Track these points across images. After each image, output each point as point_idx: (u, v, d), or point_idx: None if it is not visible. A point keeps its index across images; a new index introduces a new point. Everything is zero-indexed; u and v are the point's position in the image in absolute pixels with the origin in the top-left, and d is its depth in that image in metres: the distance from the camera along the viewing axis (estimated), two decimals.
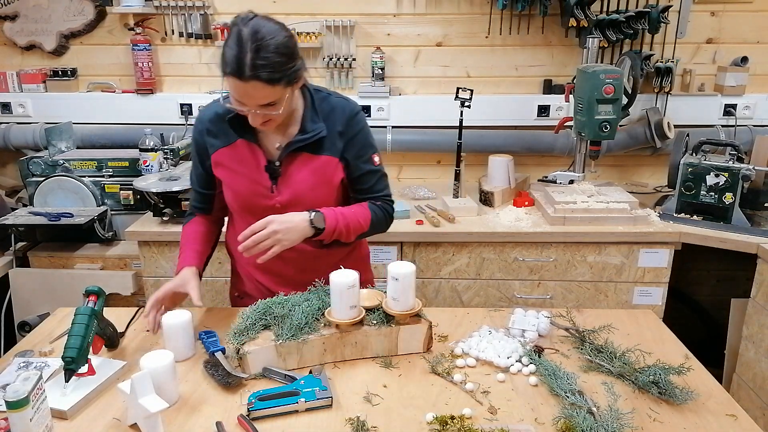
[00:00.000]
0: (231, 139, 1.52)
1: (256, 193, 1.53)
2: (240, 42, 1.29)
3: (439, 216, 2.42)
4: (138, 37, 2.80)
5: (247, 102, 1.36)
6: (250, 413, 1.22)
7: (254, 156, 1.52)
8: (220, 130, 1.52)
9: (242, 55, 1.29)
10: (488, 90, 2.90)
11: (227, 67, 1.31)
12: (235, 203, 1.58)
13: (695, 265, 2.91)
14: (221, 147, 1.53)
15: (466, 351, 1.48)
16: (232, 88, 1.35)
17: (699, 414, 1.26)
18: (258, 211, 1.51)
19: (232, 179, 1.54)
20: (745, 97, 2.85)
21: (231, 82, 1.33)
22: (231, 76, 1.31)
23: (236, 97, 1.36)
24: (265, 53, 1.29)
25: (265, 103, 1.36)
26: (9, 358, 1.46)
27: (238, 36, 1.30)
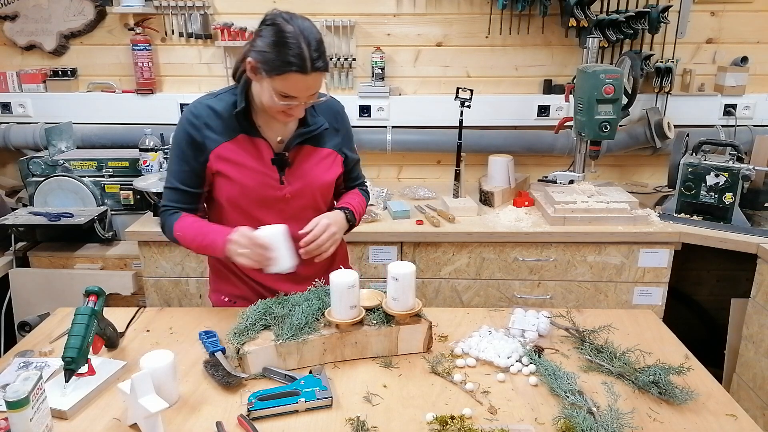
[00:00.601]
0: (233, 134, 1.51)
1: (265, 185, 1.54)
2: (297, 39, 1.35)
3: (439, 216, 2.42)
4: (138, 37, 2.80)
5: (303, 94, 1.41)
6: (250, 413, 1.22)
7: (259, 149, 1.53)
8: (219, 125, 1.51)
9: (302, 51, 1.35)
10: (488, 90, 2.90)
11: (288, 66, 1.35)
12: (242, 197, 1.54)
13: (695, 265, 2.91)
14: (224, 141, 1.51)
15: (466, 351, 1.48)
16: (292, 85, 1.38)
17: (699, 414, 1.26)
18: (268, 203, 1.54)
19: (238, 173, 1.52)
20: (745, 97, 2.85)
21: (292, 79, 1.36)
22: (295, 72, 1.35)
23: (294, 91, 1.39)
24: (317, 46, 1.38)
25: (315, 92, 1.43)
26: (9, 358, 1.46)
27: (290, 34, 1.35)
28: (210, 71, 2.93)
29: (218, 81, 2.92)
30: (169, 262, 2.37)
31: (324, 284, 1.52)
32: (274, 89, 1.39)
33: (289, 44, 1.34)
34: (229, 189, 1.54)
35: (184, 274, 2.39)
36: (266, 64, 1.37)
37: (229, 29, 2.77)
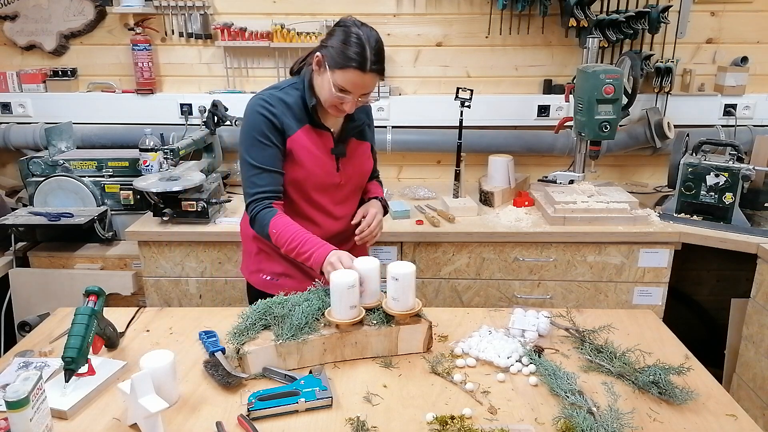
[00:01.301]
0: (301, 123, 1.67)
1: (326, 172, 1.71)
2: (362, 41, 1.53)
3: (439, 216, 2.42)
4: (138, 37, 2.80)
5: (357, 91, 1.57)
6: (250, 413, 1.22)
7: (322, 139, 1.70)
8: (293, 114, 1.66)
9: (365, 53, 1.53)
10: (488, 90, 2.90)
11: (351, 61, 1.52)
12: (306, 181, 1.69)
13: (695, 265, 2.91)
14: (297, 129, 1.66)
15: (466, 351, 1.48)
16: (349, 79, 1.54)
17: (699, 414, 1.26)
18: (325, 188, 1.73)
19: (307, 159, 1.67)
20: (745, 97, 2.85)
21: (350, 74, 1.54)
22: (354, 69, 1.53)
23: (349, 87, 1.55)
24: (378, 51, 1.56)
25: (368, 92, 1.61)
26: (9, 358, 1.46)
27: (356, 36, 1.53)
28: (210, 71, 2.93)
29: (218, 81, 2.92)
30: (169, 262, 2.37)
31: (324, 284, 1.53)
32: (333, 82, 1.56)
33: (354, 43, 1.53)
34: (296, 172, 1.68)
35: (184, 274, 2.39)
36: (331, 58, 1.55)
37: (229, 29, 2.77)
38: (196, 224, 2.34)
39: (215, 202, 2.40)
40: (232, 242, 2.30)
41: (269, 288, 1.81)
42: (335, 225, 1.78)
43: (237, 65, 2.90)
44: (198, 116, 2.80)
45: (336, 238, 1.75)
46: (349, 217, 1.81)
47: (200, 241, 2.33)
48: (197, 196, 2.35)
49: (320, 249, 1.56)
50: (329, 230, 1.76)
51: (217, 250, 2.35)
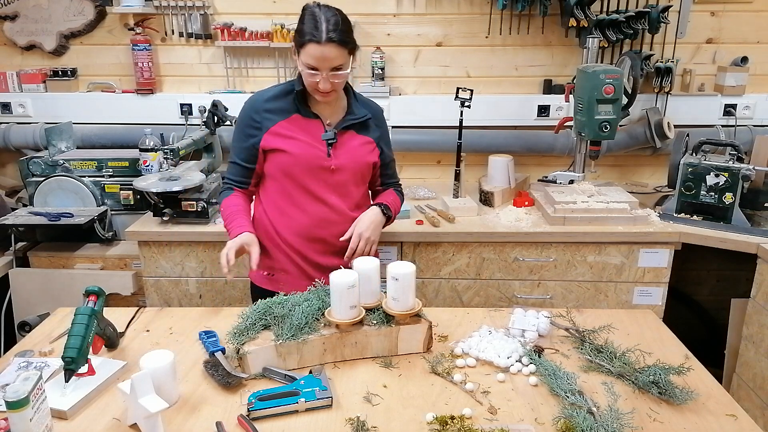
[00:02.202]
0: (288, 114, 1.76)
1: (315, 156, 1.75)
2: (315, 16, 1.60)
3: (439, 216, 2.42)
4: (138, 37, 2.80)
5: (321, 65, 1.61)
6: (250, 413, 1.22)
7: (311, 127, 1.76)
8: (277, 107, 1.76)
9: (319, 24, 1.59)
10: (488, 90, 2.90)
11: (306, 36, 1.59)
12: (294, 165, 1.75)
13: (695, 265, 2.91)
14: (280, 120, 1.75)
15: (466, 351, 1.48)
16: (310, 54, 1.60)
17: (699, 414, 1.26)
18: (316, 173, 1.76)
19: (293, 145, 1.74)
20: (745, 97, 2.85)
21: (309, 49, 1.60)
22: (310, 42, 1.59)
23: (312, 62, 1.61)
24: (335, 22, 1.61)
25: (336, 65, 1.62)
26: (9, 358, 1.46)
27: (312, 13, 1.61)
28: (210, 71, 2.93)
29: (218, 81, 2.92)
30: (169, 262, 2.37)
31: (324, 284, 1.53)
32: (301, 62, 1.64)
33: (307, 20, 1.61)
34: (283, 159, 1.75)
35: (184, 274, 2.39)
36: (296, 41, 1.65)
37: (229, 29, 2.77)
38: (196, 224, 2.34)
39: (215, 202, 2.40)
40: None
41: (267, 284, 1.86)
42: (327, 213, 1.80)
43: (237, 65, 2.90)
44: (198, 116, 2.80)
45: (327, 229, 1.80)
46: (348, 212, 1.83)
47: (200, 241, 2.33)
48: (197, 196, 2.35)
49: (237, 228, 1.73)
50: (317, 217, 1.79)
51: (217, 250, 2.35)
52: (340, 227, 1.81)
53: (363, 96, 1.89)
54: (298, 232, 1.80)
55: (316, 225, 1.80)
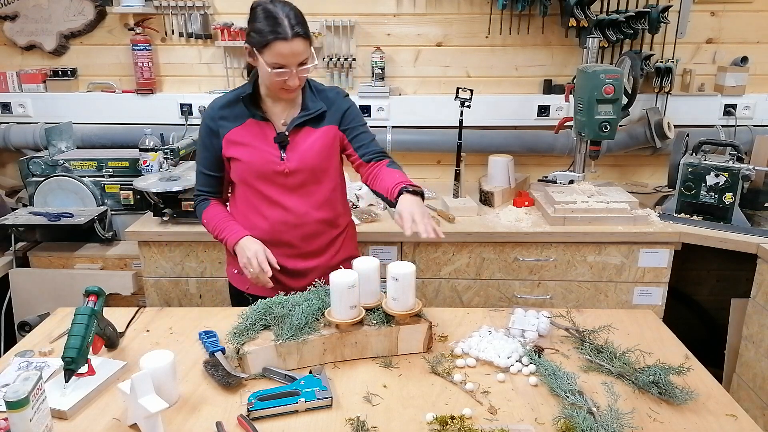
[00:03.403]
0: (242, 119, 1.71)
1: (268, 161, 1.70)
2: (273, 13, 1.55)
3: (439, 216, 2.42)
4: (138, 37, 2.80)
5: (291, 61, 1.57)
6: (250, 413, 1.22)
7: (264, 131, 1.71)
8: (231, 113, 1.72)
9: (281, 21, 1.54)
10: (488, 90, 2.90)
11: (268, 35, 1.54)
12: (248, 173, 1.72)
13: (695, 265, 2.91)
14: (234, 127, 1.71)
15: (466, 351, 1.48)
16: (278, 52, 1.55)
17: (699, 414, 1.26)
18: (271, 178, 1.71)
19: (245, 152, 1.71)
20: (745, 97, 2.85)
21: (277, 47, 1.55)
22: (276, 40, 1.54)
23: (281, 60, 1.56)
24: (295, 15, 1.58)
25: (303, 59, 1.60)
26: (9, 358, 1.46)
27: (268, 10, 1.56)
28: (210, 71, 2.93)
29: (218, 81, 2.92)
30: (169, 262, 2.37)
31: (324, 284, 1.53)
32: (266, 63, 1.57)
33: (268, 18, 1.55)
34: (239, 167, 1.73)
35: (184, 274, 2.39)
36: (255, 42, 1.58)
37: (229, 29, 2.77)
38: (196, 224, 2.33)
39: None
40: None
41: (238, 282, 1.86)
42: (286, 217, 1.74)
43: (237, 65, 2.90)
44: (198, 116, 2.80)
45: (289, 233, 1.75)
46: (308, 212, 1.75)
47: (200, 241, 2.33)
48: None
49: (233, 234, 1.72)
50: (277, 221, 1.74)
51: (217, 250, 2.35)
52: (303, 229, 1.76)
53: (319, 84, 1.79)
54: (261, 236, 1.73)
55: (277, 229, 1.75)
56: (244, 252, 1.67)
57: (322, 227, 1.79)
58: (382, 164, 1.76)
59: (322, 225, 1.79)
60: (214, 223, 1.77)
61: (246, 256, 1.66)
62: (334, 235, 1.83)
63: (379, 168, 1.76)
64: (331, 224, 1.82)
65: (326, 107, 1.75)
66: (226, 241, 1.73)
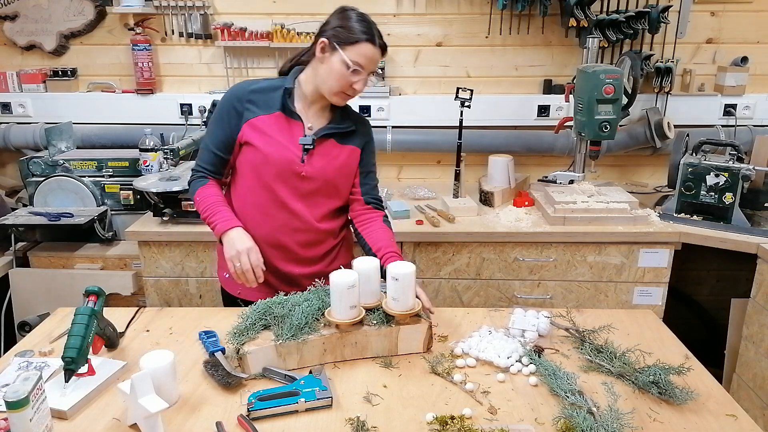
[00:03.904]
0: (271, 109, 1.68)
1: (287, 158, 1.67)
2: (366, 19, 1.62)
3: (439, 216, 2.42)
4: (138, 37, 2.80)
5: (369, 66, 1.61)
6: (250, 413, 1.22)
7: (291, 128, 1.69)
8: (261, 99, 1.69)
9: (372, 28, 1.61)
10: (488, 90, 2.90)
11: (360, 34, 1.58)
12: (263, 165, 1.68)
13: (695, 265, 2.91)
14: (261, 114, 1.68)
15: (466, 351, 1.48)
16: (363, 53, 1.59)
17: (699, 414, 1.26)
18: (285, 177, 1.68)
19: (266, 142, 1.67)
20: (745, 97, 2.85)
21: (363, 47, 1.58)
22: (366, 41, 1.58)
23: (363, 61, 1.59)
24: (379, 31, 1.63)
25: (374, 70, 1.65)
26: (9, 358, 1.46)
27: (361, 15, 1.62)
28: (210, 71, 2.93)
29: (218, 81, 2.92)
30: (169, 262, 2.37)
31: (324, 284, 1.53)
32: (348, 59, 1.58)
33: (360, 21, 1.60)
34: (254, 156, 1.68)
35: (184, 274, 2.39)
36: (341, 37, 1.59)
37: (229, 29, 2.77)
38: (196, 224, 2.34)
39: None
40: None
41: (228, 285, 1.84)
42: (290, 220, 1.70)
43: (237, 65, 2.90)
44: (198, 116, 2.80)
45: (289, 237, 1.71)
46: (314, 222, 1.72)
47: (200, 241, 2.33)
48: None
49: (223, 222, 1.66)
50: (280, 222, 1.70)
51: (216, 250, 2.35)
52: (303, 236, 1.73)
53: (350, 107, 1.79)
54: (259, 235, 1.68)
55: (279, 230, 1.71)
56: (233, 245, 1.62)
57: (323, 236, 1.77)
58: (378, 215, 1.79)
59: (323, 234, 1.76)
60: (207, 203, 1.70)
61: (236, 249, 1.61)
62: (332, 244, 1.80)
63: (375, 219, 1.78)
64: (333, 234, 1.80)
65: (354, 127, 1.75)
66: (215, 226, 1.67)
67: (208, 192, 1.72)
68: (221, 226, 1.66)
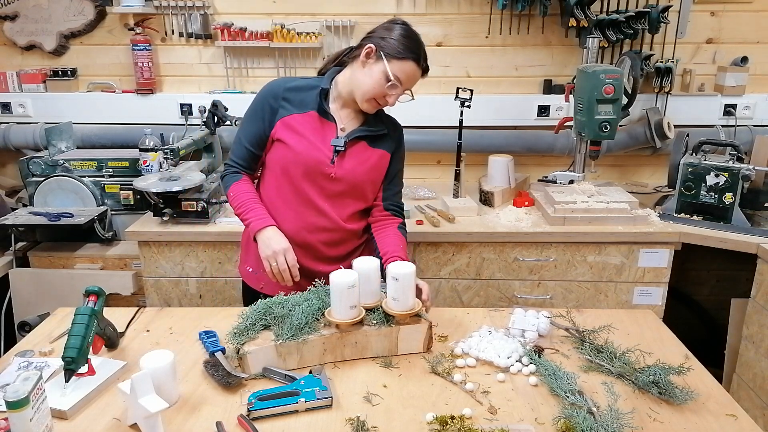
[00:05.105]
0: (306, 108, 1.70)
1: (317, 159, 1.68)
2: (418, 39, 1.65)
3: (439, 216, 2.42)
4: (138, 37, 2.80)
5: (407, 83, 1.66)
6: (250, 413, 1.22)
7: (324, 129, 1.71)
8: (296, 98, 1.71)
9: (422, 49, 1.65)
10: (488, 90, 2.90)
11: (408, 52, 1.61)
12: (293, 163, 1.69)
13: (695, 265, 2.91)
14: (295, 113, 1.70)
15: (466, 351, 1.48)
16: (405, 70, 1.62)
17: (699, 414, 1.26)
18: (314, 177, 1.70)
19: (298, 141, 1.68)
20: (745, 97, 2.85)
21: (407, 66, 1.62)
22: (412, 60, 1.62)
23: (402, 77, 1.63)
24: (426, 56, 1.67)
25: (410, 88, 1.69)
26: (9, 358, 1.46)
27: (415, 33, 1.65)
28: (210, 71, 2.93)
29: (218, 81, 2.92)
30: (169, 262, 2.37)
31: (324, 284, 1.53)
32: (389, 71, 1.60)
33: (413, 39, 1.63)
34: (285, 154, 1.69)
35: (184, 274, 2.39)
36: (391, 48, 1.61)
37: (229, 29, 2.77)
38: (196, 224, 2.35)
39: (215, 202, 2.40)
40: (232, 242, 2.30)
41: (251, 280, 1.85)
42: (318, 219, 1.72)
43: (237, 65, 2.90)
44: (198, 116, 2.80)
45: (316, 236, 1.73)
46: (340, 222, 1.74)
47: (200, 241, 2.33)
48: (197, 196, 2.35)
49: (258, 220, 1.68)
50: (307, 221, 1.72)
51: (217, 250, 2.35)
52: (330, 235, 1.75)
53: (384, 111, 1.80)
54: (286, 233, 1.69)
55: (306, 229, 1.72)
56: (269, 244, 1.64)
57: (348, 236, 1.78)
58: (395, 222, 1.81)
59: (349, 234, 1.78)
60: (241, 200, 1.72)
61: (272, 249, 1.63)
62: (356, 244, 1.82)
63: (391, 225, 1.80)
64: (357, 235, 1.81)
65: (387, 131, 1.77)
66: (249, 223, 1.68)
67: (242, 188, 1.74)
68: (256, 224, 1.68)
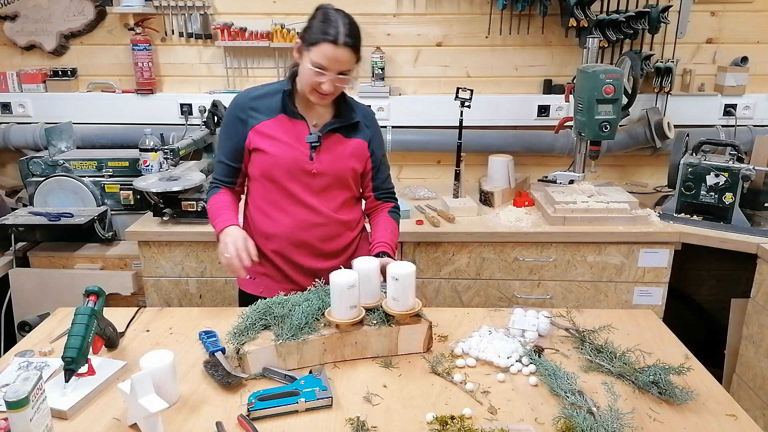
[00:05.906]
0: (274, 113, 1.72)
1: (296, 158, 1.70)
2: (332, 17, 1.59)
3: (439, 216, 2.42)
4: (138, 37, 2.80)
5: (332, 67, 1.59)
6: (250, 413, 1.22)
7: (296, 128, 1.72)
8: (263, 105, 1.73)
9: (336, 26, 1.57)
10: (488, 90, 2.90)
11: (321, 34, 1.57)
12: (274, 167, 1.71)
13: (695, 265, 2.91)
14: (265, 120, 1.71)
15: (466, 351, 1.48)
16: (323, 53, 1.57)
17: (699, 414, 1.26)
18: (297, 176, 1.71)
19: (274, 146, 1.70)
20: (745, 97, 2.85)
21: (323, 48, 1.57)
22: (325, 41, 1.56)
23: (324, 62, 1.58)
24: (351, 28, 1.60)
25: (344, 70, 1.62)
26: (9, 358, 1.46)
27: (328, 13, 1.60)
28: (210, 71, 2.93)
29: (218, 81, 2.93)
30: (169, 262, 2.37)
31: (324, 284, 1.53)
32: (310, 61, 1.59)
33: (326, 20, 1.59)
34: (264, 160, 1.71)
35: (184, 274, 2.39)
36: (307, 38, 1.60)
37: (229, 29, 2.77)
38: (196, 224, 2.34)
39: None
40: None
41: (250, 287, 1.85)
42: (309, 216, 1.74)
43: (237, 65, 2.90)
44: (198, 116, 2.80)
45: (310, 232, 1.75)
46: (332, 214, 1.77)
47: (200, 241, 2.33)
48: (197, 196, 2.35)
49: (222, 221, 1.71)
50: (299, 219, 1.74)
51: (217, 250, 2.34)
52: (324, 230, 1.77)
53: (354, 100, 1.83)
54: (281, 235, 1.75)
55: (299, 228, 1.75)
56: (224, 239, 1.67)
57: (342, 229, 1.80)
58: (385, 207, 1.86)
59: (342, 227, 1.80)
60: (213, 209, 1.76)
61: (224, 241, 1.66)
62: (351, 237, 1.84)
63: (381, 210, 1.86)
64: (350, 227, 1.83)
65: (359, 119, 1.78)
66: (215, 227, 1.72)
67: (215, 199, 1.78)
68: (219, 226, 1.71)
